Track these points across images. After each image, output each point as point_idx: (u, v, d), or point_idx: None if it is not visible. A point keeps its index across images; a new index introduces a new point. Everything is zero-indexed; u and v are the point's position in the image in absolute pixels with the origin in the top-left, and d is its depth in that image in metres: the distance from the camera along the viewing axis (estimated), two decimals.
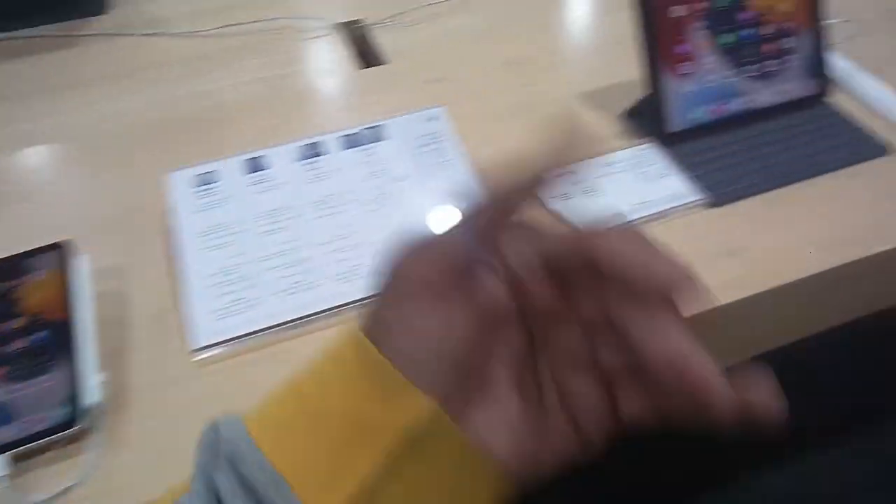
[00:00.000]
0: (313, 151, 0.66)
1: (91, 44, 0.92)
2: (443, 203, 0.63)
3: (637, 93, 0.71)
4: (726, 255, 0.61)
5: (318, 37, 0.91)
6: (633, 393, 0.28)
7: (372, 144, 0.67)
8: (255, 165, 0.65)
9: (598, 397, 0.29)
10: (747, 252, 0.62)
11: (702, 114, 0.71)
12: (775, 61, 0.73)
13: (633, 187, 0.66)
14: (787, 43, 0.73)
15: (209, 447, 0.27)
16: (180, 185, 0.64)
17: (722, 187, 0.66)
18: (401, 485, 0.25)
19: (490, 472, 0.27)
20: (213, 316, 0.56)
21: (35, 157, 0.76)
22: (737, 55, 0.72)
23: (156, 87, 0.84)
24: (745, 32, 0.72)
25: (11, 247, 0.58)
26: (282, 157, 0.66)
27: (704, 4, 0.70)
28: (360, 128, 0.68)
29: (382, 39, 0.90)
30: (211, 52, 0.90)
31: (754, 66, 0.72)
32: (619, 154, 0.70)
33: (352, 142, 0.67)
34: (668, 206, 0.65)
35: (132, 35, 0.93)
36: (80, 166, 0.74)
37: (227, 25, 0.92)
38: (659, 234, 0.59)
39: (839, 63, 0.79)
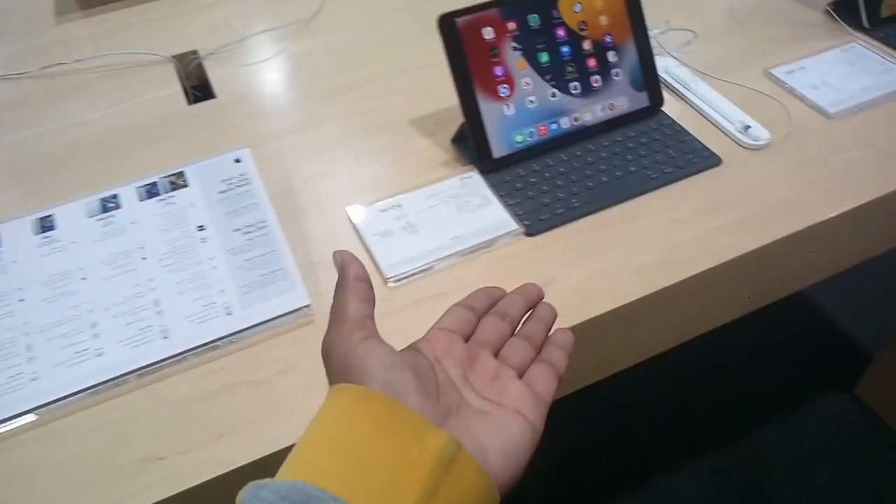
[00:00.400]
0: (111, 204, 0.62)
1: None
2: (243, 250, 0.59)
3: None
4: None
5: (150, 70, 0.87)
6: (538, 373, 0.39)
7: (172, 193, 0.63)
8: (43, 225, 0.61)
9: (520, 388, 0.38)
10: (557, 283, 0.59)
11: (526, 136, 0.69)
12: (599, 76, 0.71)
13: (453, 219, 0.64)
14: (611, 57, 0.71)
15: None
16: None
17: (538, 215, 0.64)
18: (441, 499, 0.30)
19: (489, 478, 0.33)
20: None
21: None
22: (557, 73, 0.70)
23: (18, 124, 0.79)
24: (563, 49, 0.70)
25: None
26: (72, 215, 0.62)
27: (513, 24, 0.68)
28: (159, 176, 0.64)
29: (215, 72, 0.86)
30: (37, 94, 0.85)
31: (577, 83, 0.70)
32: (444, 184, 0.67)
33: (151, 191, 0.63)
34: (486, 238, 0.62)
35: None
36: None
37: (53, 65, 0.87)
38: (476, 267, 0.57)
39: (674, 72, 0.78)
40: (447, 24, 0.66)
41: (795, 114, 0.73)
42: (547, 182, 0.67)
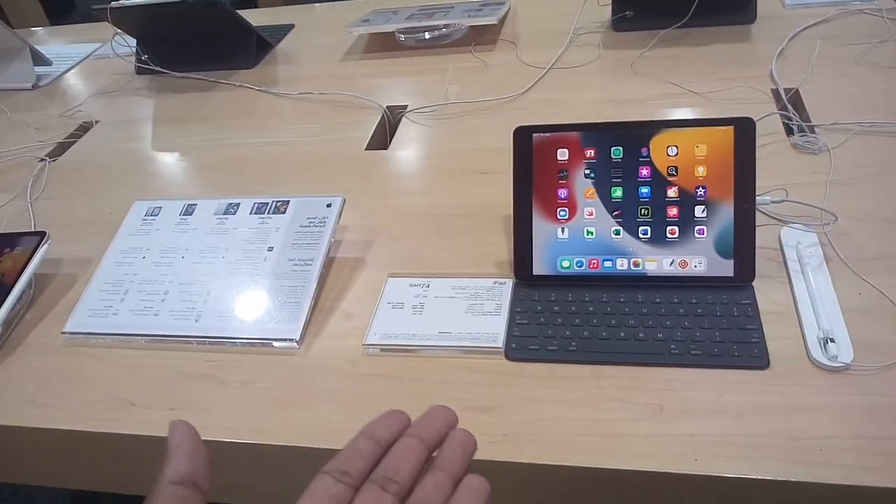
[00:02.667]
0: (232, 210, 0.79)
1: (228, 90, 1.18)
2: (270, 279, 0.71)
3: None
4: (477, 411, 0.58)
5: (361, 113, 1.04)
6: None
7: (271, 215, 0.77)
8: (188, 210, 0.81)
9: None
10: (497, 413, 0.58)
11: (574, 264, 0.67)
12: (677, 228, 0.65)
13: (457, 315, 0.66)
14: (698, 212, 0.64)
15: None
16: (136, 211, 0.82)
17: (530, 343, 0.62)
18: None
19: None
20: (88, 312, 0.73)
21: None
22: (628, 212, 0.66)
23: (251, 131, 1.06)
24: (642, 189, 0.65)
25: None
26: (207, 208, 0.80)
27: (592, 152, 0.66)
28: (273, 199, 0.79)
29: (404, 128, 0.99)
30: (282, 112, 1.09)
31: (648, 228, 0.65)
32: (476, 281, 0.69)
33: (260, 209, 0.79)
34: (466, 344, 0.63)
35: (249, 89, 1.17)
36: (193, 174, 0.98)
37: (306, 93, 1.11)
38: (446, 367, 0.60)
39: (803, 251, 0.66)
40: (522, 137, 0.67)
41: None
42: (570, 315, 0.64)
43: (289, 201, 0.79)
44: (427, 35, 1.19)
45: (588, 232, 0.67)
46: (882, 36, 1.00)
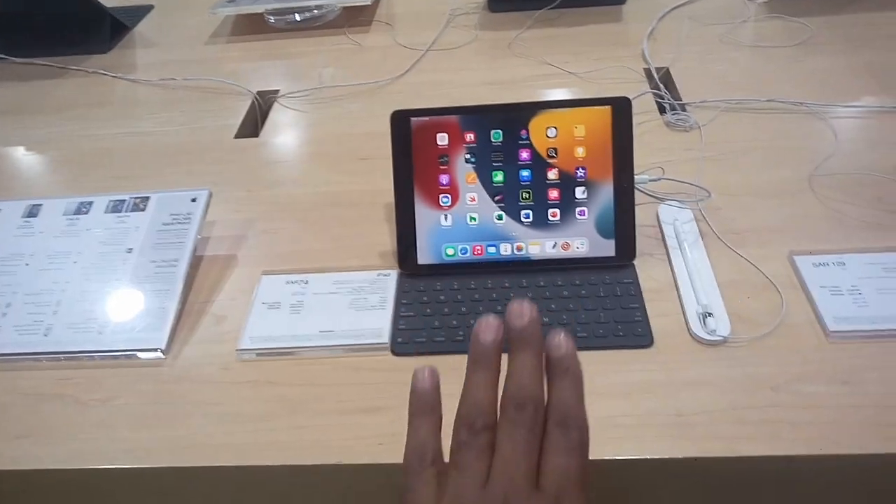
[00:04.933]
0: (84, 209, 0.71)
1: (80, 76, 1.07)
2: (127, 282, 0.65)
3: None
4: (364, 412, 0.55)
5: (230, 99, 0.97)
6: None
7: (130, 213, 0.70)
8: (31, 211, 0.72)
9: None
10: (383, 414, 0.55)
11: (458, 251, 0.65)
12: (559, 210, 0.64)
13: (339, 312, 0.62)
14: (578, 193, 0.64)
15: None
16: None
17: (417, 336, 0.60)
18: None
19: None
20: None
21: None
22: (510, 196, 0.64)
23: (108, 121, 0.96)
24: (522, 173, 0.64)
25: None
26: (55, 209, 0.72)
27: (471, 135, 0.64)
28: (129, 196, 0.72)
29: (275, 113, 0.93)
30: (145, 101, 1.00)
31: (530, 212, 0.64)
32: (358, 275, 0.66)
33: (116, 207, 0.71)
34: (350, 342, 0.60)
35: (104, 75, 1.06)
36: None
37: (168, 79, 1.02)
38: (329, 368, 0.56)
39: (681, 227, 0.67)
40: (399, 122, 0.64)
41: (786, 318, 0.58)
42: (456, 304, 0.62)
43: (149, 197, 0.72)
44: (298, 17, 1.13)
45: (471, 218, 0.65)
46: (743, 16, 1.05)
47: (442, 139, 0.64)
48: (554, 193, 0.64)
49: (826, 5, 1.04)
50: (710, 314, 0.58)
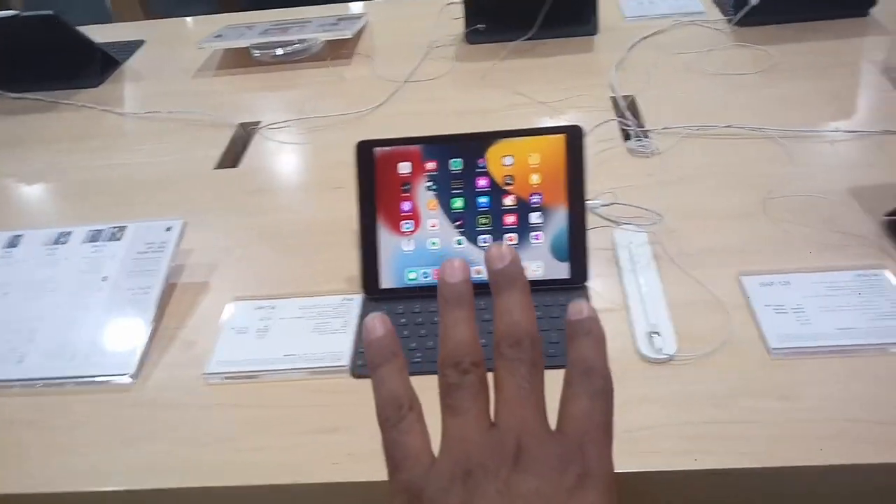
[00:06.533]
0: (63, 239, 0.74)
1: (69, 111, 1.11)
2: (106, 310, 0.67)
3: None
4: (323, 433, 0.57)
5: (213, 131, 1.00)
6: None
7: (106, 243, 0.73)
8: (13, 242, 0.75)
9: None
10: (342, 433, 0.57)
11: (420, 276, 0.67)
12: (516, 235, 0.67)
13: (302, 336, 0.64)
14: (534, 218, 0.66)
15: None
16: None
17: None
18: None
19: None
20: None
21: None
22: (469, 222, 0.67)
23: (94, 154, 0.99)
24: (480, 199, 0.67)
25: None
26: (35, 239, 0.75)
27: (433, 164, 0.67)
28: (107, 226, 0.75)
29: (256, 144, 0.97)
30: (130, 133, 1.04)
31: (488, 237, 0.67)
32: (324, 300, 0.68)
33: (94, 237, 0.74)
34: (312, 366, 0.62)
35: (93, 109, 1.10)
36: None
37: (154, 111, 1.06)
38: (292, 391, 0.58)
39: (636, 250, 0.69)
40: (364, 152, 0.67)
41: (731, 336, 0.60)
42: (416, 327, 0.64)
43: (125, 227, 0.74)
44: (281, 51, 1.17)
45: (432, 243, 0.67)
46: (710, 45, 1.08)
47: (404, 168, 0.67)
48: (511, 219, 0.67)
49: (790, 34, 1.08)
50: (657, 333, 0.60)
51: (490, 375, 0.33)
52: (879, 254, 0.66)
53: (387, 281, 0.67)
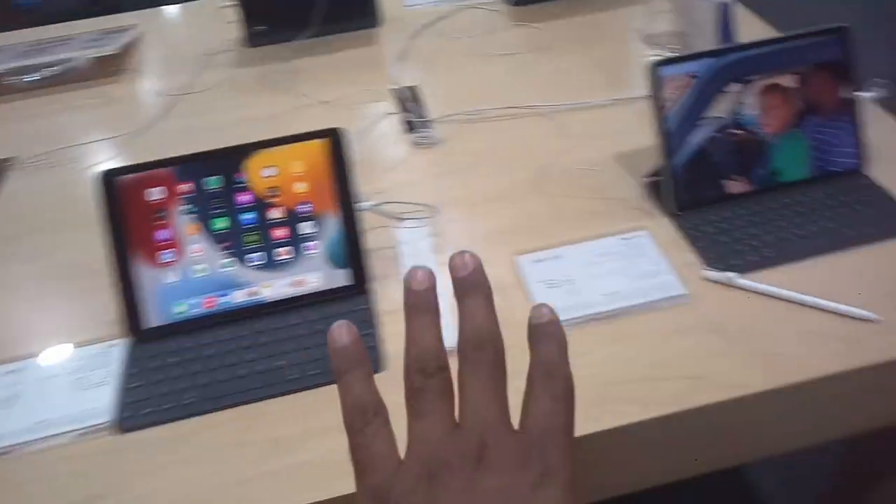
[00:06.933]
0: None
1: None
2: None
3: None
4: (90, 500, 0.51)
5: None
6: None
7: None
8: None
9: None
10: (108, 497, 0.51)
11: (189, 308, 0.62)
12: (290, 248, 0.63)
13: (55, 398, 0.57)
14: (306, 228, 0.63)
15: None
16: None
17: (143, 408, 0.56)
18: None
19: None
20: None
21: None
22: (235, 242, 0.63)
23: None
24: (244, 217, 0.63)
25: None
26: None
27: (188, 186, 0.62)
28: None
29: (13, 182, 0.86)
30: None
31: (259, 255, 0.63)
32: (78, 352, 0.61)
33: None
34: (67, 429, 0.55)
35: None
36: None
37: None
38: (47, 461, 0.51)
39: (417, 246, 0.68)
40: (105, 183, 0.61)
41: (509, 317, 0.60)
42: (188, 364, 0.59)
43: None
44: (39, 75, 1.06)
45: (198, 270, 0.62)
46: (491, 27, 1.10)
47: (155, 193, 0.62)
48: (280, 232, 0.63)
49: (561, 10, 1.11)
50: None
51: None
52: (641, 216, 0.69)
53: (153, 319, 0.62)
